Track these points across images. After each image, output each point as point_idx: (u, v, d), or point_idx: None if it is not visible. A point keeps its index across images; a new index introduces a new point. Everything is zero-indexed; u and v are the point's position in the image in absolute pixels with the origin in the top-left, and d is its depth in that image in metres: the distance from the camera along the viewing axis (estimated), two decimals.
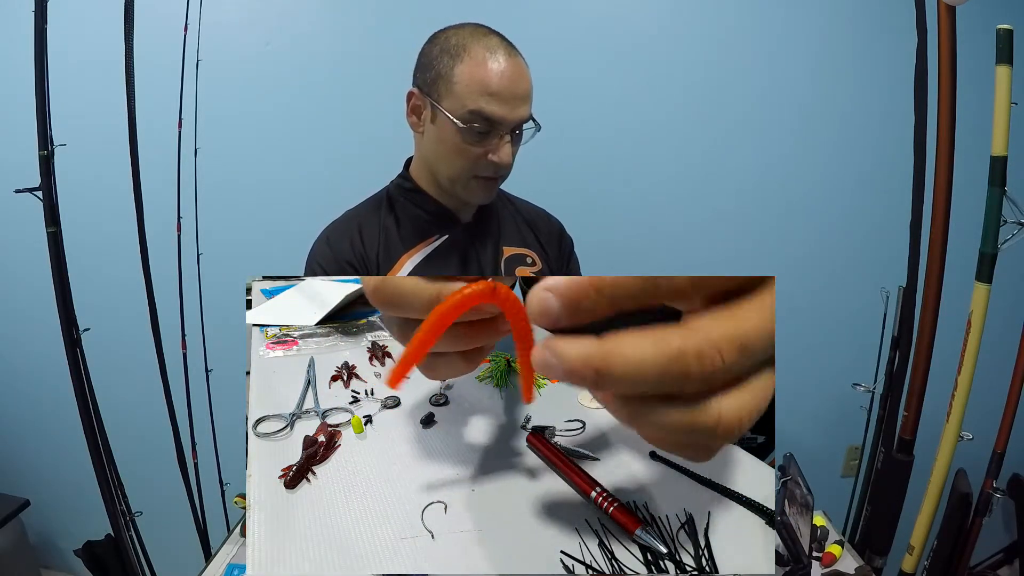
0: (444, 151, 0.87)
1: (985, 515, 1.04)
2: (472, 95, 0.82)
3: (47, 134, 1.05)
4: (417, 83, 0.89)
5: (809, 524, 0.98)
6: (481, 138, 0.84)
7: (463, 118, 0.83)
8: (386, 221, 0.95)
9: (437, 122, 0.86)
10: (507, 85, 0.83)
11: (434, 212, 0.95)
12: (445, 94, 0.84)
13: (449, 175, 0.89)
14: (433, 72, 0.85)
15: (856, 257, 1.69)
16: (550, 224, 1.08)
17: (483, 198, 0.93)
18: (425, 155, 0.93)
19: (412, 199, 0.96)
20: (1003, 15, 0.94)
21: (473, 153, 0.85)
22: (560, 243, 1.08)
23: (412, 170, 0.98)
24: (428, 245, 0.94)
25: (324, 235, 0.96)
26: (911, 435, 1.16)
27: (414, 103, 0.90)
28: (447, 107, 0.83)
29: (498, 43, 0.85)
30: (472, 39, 0.84)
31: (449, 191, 0.93)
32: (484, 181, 0.90)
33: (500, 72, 0.82)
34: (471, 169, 0.87)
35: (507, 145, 0.86)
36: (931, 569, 1.09)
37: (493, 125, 0.84)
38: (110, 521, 1.20)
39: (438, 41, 0.87)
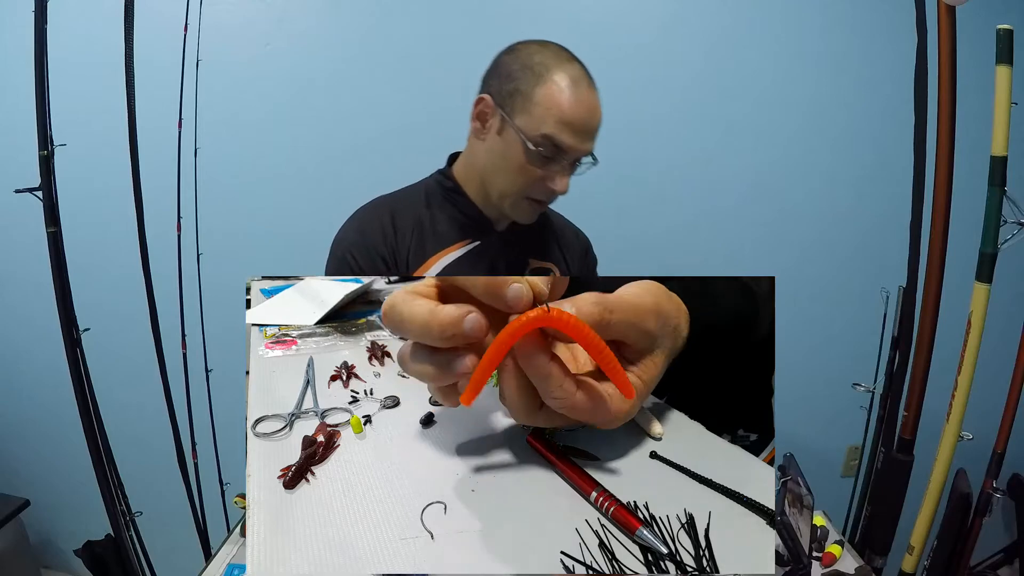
0: (504, 166, 0.86)
1: (985, 515, 1.04)
2: (549, 120, 0.81)
3: (47, 134, 1.05)
4: (490, 91, 0.87)
5: (809, 524, 0.98)
6: (545, 163, 0.84)
7: (534, 140, 0.82)
8: (422, 216, 0.93)
9: (504, 136, 0.85)
10: (584, 117, 0.82)
11: (472, 216, 0.94)
12: (520, 111, 0.83)
13: (502, 190, 0.89)
14: (511, 85, 0.84)
15: (856, 257, 1.69)
16: (578, 240, 1.08)
17: (527, 219, 0.93)
18: (480, 163, 0.91)
19: (451, 199, 0.95)
20: (1003, 15, 0.94)
21: (533, 175, 0.85)
22: (584, 260, 1.07)
23: (456, 170, 0.96)
24: (460, 248, 0.93)
25: (354, 223, 0.94)
26: (911, 435, 1.16)
27: (482, 109, 0.88)
28: (520, 124, 0.82)
29: (581, 73, 0.84)
30: (556, 62, 0.83)
31: (496, 204, 0.91)
32: (534, 203, 0.89)
33: (580, 103, 0.81)
34: (526, 190, 0.87)
35: (567, 175, 0.86)
36: (931, 569, 1.09)
37: (560, 153, 0.83)
38: (110, 521, 1.20)
39: (519, 55, 0.85)
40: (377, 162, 1.58)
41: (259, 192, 1.62)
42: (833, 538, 1.12)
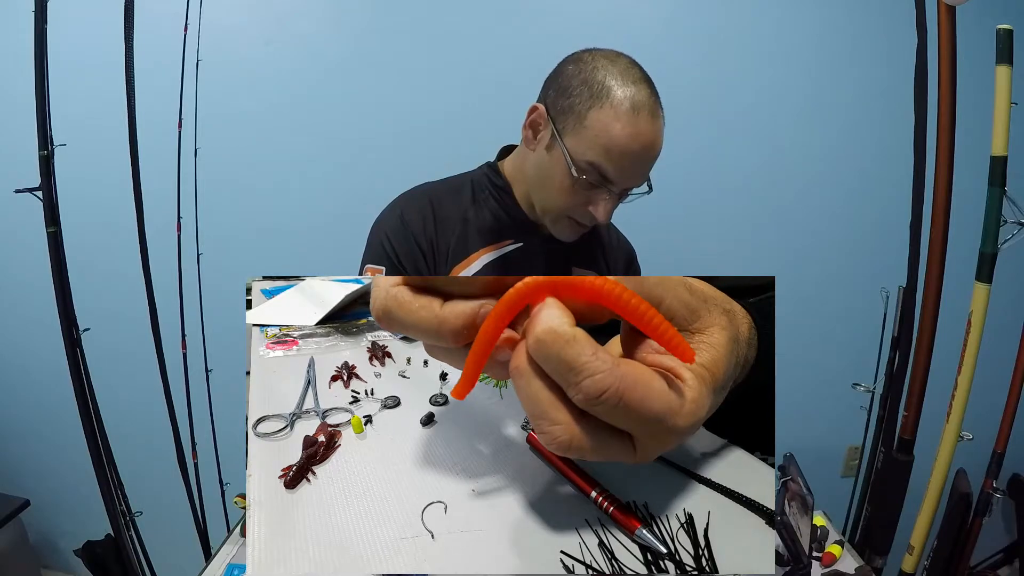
0: (548, 183, 0.82)
1: (985, 515, 1.04)
2: (598, 148, 0.75)
3: (47, 134, 1.05)
4: (546, 101, 0.81)
5: (809, 524, 0.98)
6: (590, 188, 0.79)
7: (580, 166, 0.76)
8: (468, 211, 0.90)
9: (552, 153, 0.80)
10: (638, 151, 0.76)
11: (517, 218, 0.90)
12: (571, 131, 0.77)
13: (544, 206, 0.85)
14: (567, 101, 0.77)
15: (856, 257, 1.69)
16: (622, 247, 1.04)
17: (567, 238, 0.88)
18: (527, 172, 0.87)
19: (498, 196, 0.91)
20: (1003, 15, 0.94)
21: (576, 199, 0.80)
22: (628, 270, 1.04)
23: (507, 167, 0.92)
24: (502, 247, 0.89)
25: (397, 208, 0.89)
26: (911, 435, 1.16)
27: (534, 119, 0.82)
28: (569, 145, 0.77)
29: (645, 99, 0.75)
30: (620, 83, 0.75)
31: (538, 216, 0.88)
32: (575, 224, 0.85)
33: (636, 136, 0.74)
34: (568, 211, 0.83)
35: (612, 204, 0.81)
36: (931, 569, 1.09)
37: (606, 182, 0.78)
38: (110, 521, 1.20)
39: (583, 66, 0.78)
40: (378, 162, 1.58)
41: (259, 192, 1.62)
42: (833, 538, 1.12)
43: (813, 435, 1.80)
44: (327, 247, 1.61)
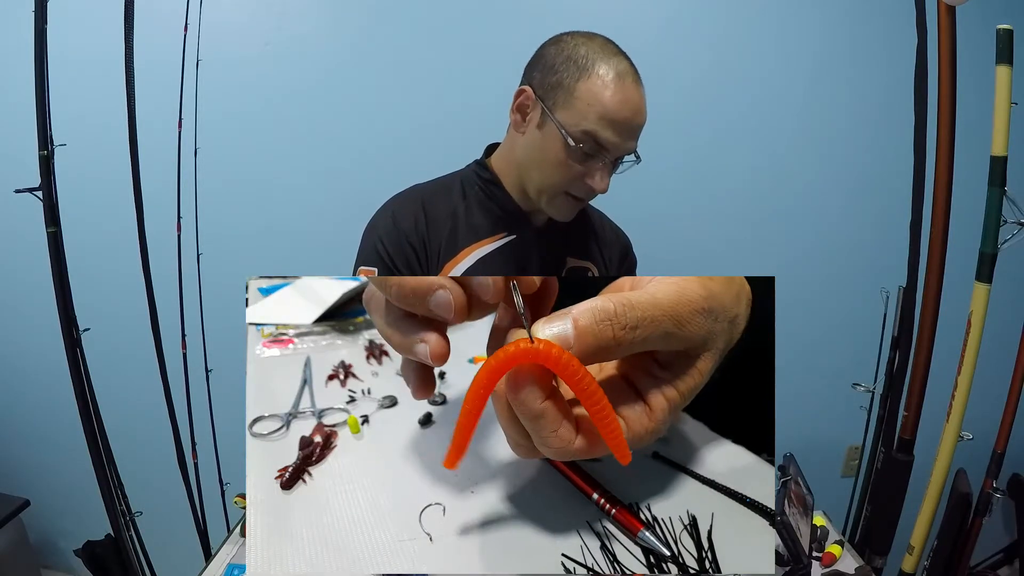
0: (543, 160, 0.84)
1: (985, 515, 1.04)
2: (591, 116, 0.78)
3: (47, 134, 1.05)
4: (531, 83, 0.84)
5: (809, 524, 0.98)
6: (585, 159, 0.81)
7: (575, 136, 0.79)
8: (457, 207, 0.91)
9: (544, 130, 0.83)
10: (628, 116, 0.80)
11: (508, 210, 0.91)
12: (562, 105, 0.80)
13: (539, 185, 0.86)
14: (554, 78, 0.81)
15: (856, 257, 1.68)
16: (618, 240, 1.05)
17: (565, 216, 0.90)
18: (518, 156, 0.88)
19: (488, 191, 0.92)
20: (1003, 15, 0.93)
21: (572, 171, 0.82)
22: (623, 262, 1.04)
23: (495, 161, 0.94)
24: (494, 242, 0.90)
25: (389, 210, 0.91)
26: (911, 435, 1.16)
27: (522, 101, 0.85)
28: (561, 119, 0.80)
29: (628, 68, 0.80)
30: (602, 56, 0.80)
31: (533, 198, 0.89)
32: (572, 200, 0.87)
33: (625, 100, 0.79)
34: (564, 186, 0.85)
35: (607, 172, 0.83)
36: (931, 569, 1.09)
37: (601, 151, 0.81)
38: (110, 521, 1.20)
39: (564, 46, 0.82)
40: (378, 162, 1.58)
41: (259, 192, 1.62)
42: (833, 538, 1.12)
43: (813, 435, 1.80)
44: (327, 247, 1.60)
